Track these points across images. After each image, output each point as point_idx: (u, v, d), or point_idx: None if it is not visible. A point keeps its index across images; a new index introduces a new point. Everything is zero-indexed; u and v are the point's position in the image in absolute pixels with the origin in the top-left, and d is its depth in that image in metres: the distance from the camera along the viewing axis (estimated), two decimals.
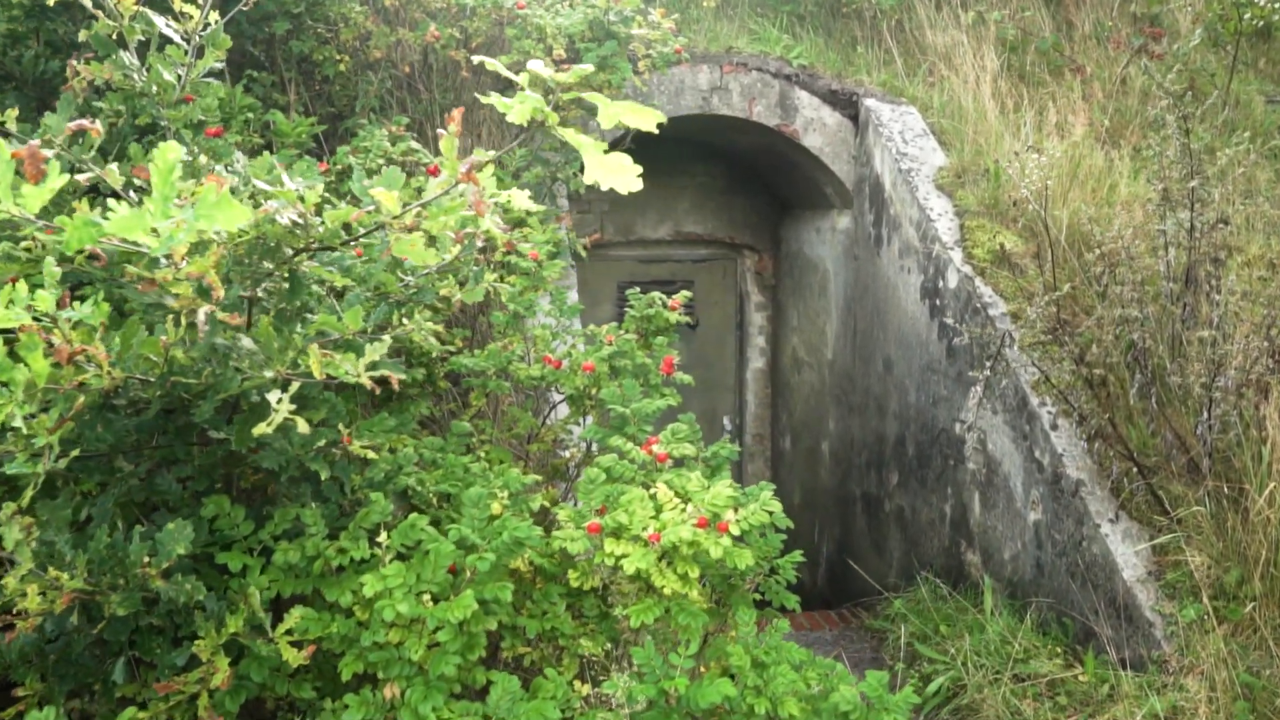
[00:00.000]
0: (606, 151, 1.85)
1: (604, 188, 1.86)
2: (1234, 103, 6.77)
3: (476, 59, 1.98)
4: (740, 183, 8.76)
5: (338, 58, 4.90)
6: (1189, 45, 6.47)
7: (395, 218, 1.90)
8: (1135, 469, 4.38)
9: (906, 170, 6.33)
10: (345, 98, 5.00)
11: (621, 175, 1.85)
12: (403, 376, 2.30)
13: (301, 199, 1.92)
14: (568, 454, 3.65)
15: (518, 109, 1.84)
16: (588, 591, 2.60)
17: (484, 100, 1.92)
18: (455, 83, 5.08)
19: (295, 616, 2.20)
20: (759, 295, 9.01)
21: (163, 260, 1.83)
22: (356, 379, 1.98)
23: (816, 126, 7.11)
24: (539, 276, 3.70)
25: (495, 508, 2.49)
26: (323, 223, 1.91)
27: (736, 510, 2.53)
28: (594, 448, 3.31)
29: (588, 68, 1.95)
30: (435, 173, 3.83)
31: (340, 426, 2.58)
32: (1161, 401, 4.47)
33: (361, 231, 2.01)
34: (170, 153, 1.39)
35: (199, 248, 1.76)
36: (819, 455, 7.95)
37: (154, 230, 1.44)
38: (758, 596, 3.29)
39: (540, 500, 2.72)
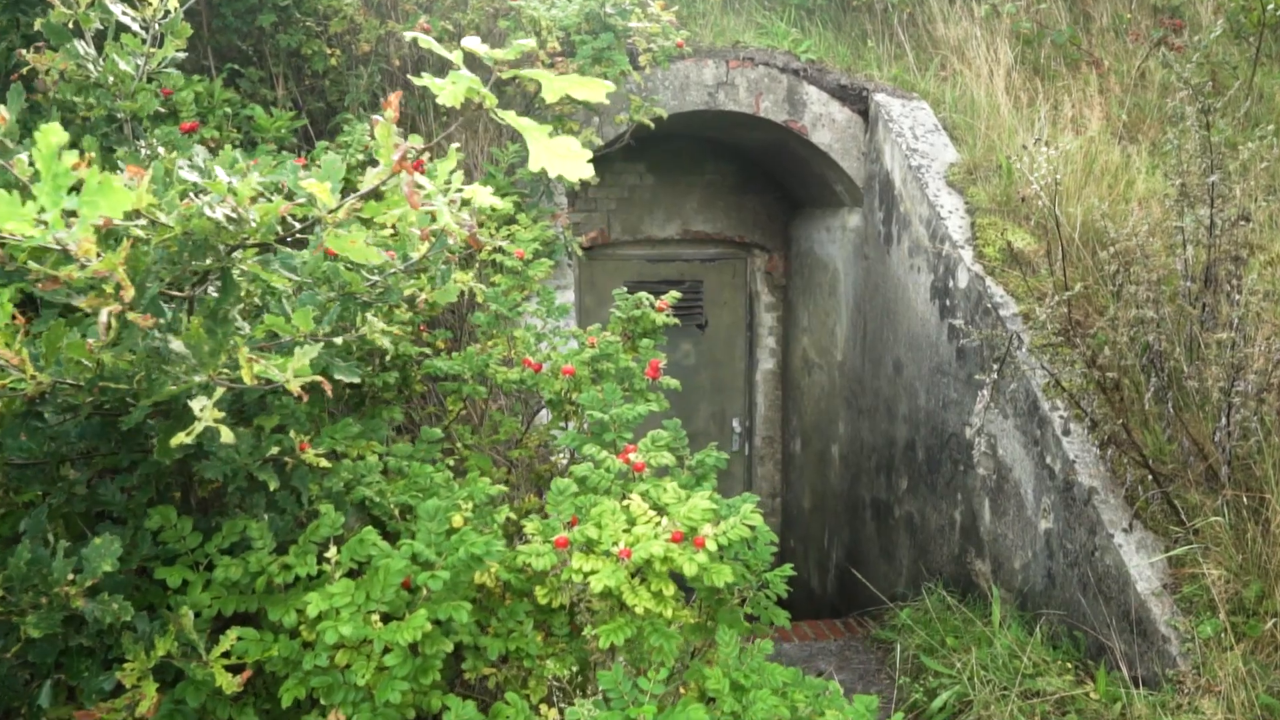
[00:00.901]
0: (552, 134, 1.71)
1: (552, 175, 1.71)
2: (1257, 96, 6.54)
3: (410, 35, 1.84)
4: (750, 181, 8.59)
5: (328, 51, 4.78)
6: (1210, 37, 6.24)
7: (330, 212, 1.77)
8: (1150, 477, 4.20)
9: (917, 167, 6.15)
10: (336, 92, 4.88)
11: (569, 161, 1.70)
12: (355, 380, 2.16)
13: (233, 192, 1.78)
14: (555, 460, 3.51)
15: (449, 90, 1.70)
16: (558, 609, 2.45)
17: (417, 82, 1.78)
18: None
19: (231, 638, 2.06)
20: (769, 295, 8.84)
21: (84, 259, 1.70)
22: (286, 384, 1.84)
23: (825, 122, 6.93)
24: (525, 276, 3.56)
25: (456, 521, 2.35)
26: (255, 218, 1.78)
27: (715, 524, 2.38)
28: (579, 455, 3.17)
29: (528, 43, 1.81)
30: (419, 166, 3.70)
31: (299, 433, 2.45)
32: (1178, 406, 4.28)
33: (298, 227, 1.87)
34: (53, 135, 1.26)
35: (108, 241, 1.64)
36: (829, 459, 7.77)
37: (42, 221, 1.31)
38: (749, 610, 3.13)
39: (506, 512, 2.58)
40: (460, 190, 2.40)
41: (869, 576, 6.91)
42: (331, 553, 2.17)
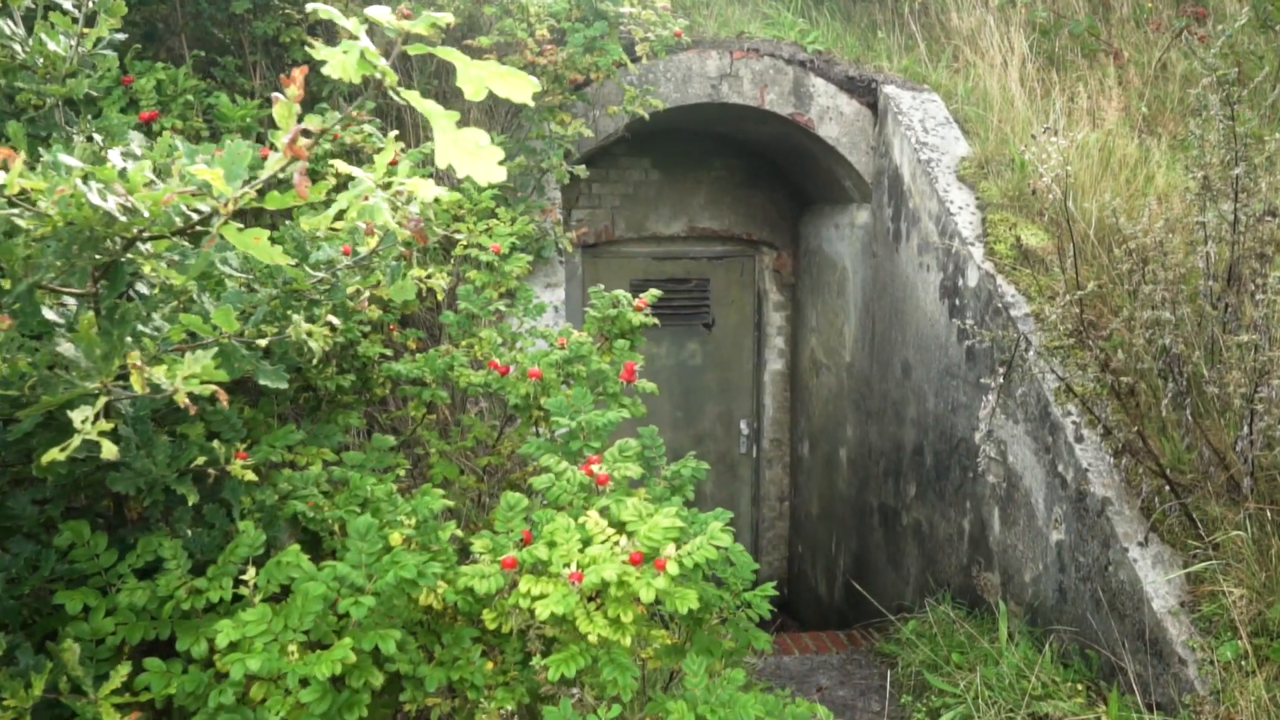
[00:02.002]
0: (460, 125, 1.51)
1: (459, 173, 1.51)
2: None
3: (311, 5, 1.65)
4: (758, 177, 8.37)
5: (309, 40, 4.59)
6: (1235, 26, 5.96)
7: (227, 202, 1.58)
8: (1167, 487, 3.95)
9: (926, 161, 5.91)
10: (319, 82, 4.70)
11: (478, 159, 1.50)
12: (281, 386, 1.97)
13: (124, 177, 1.60)
14: (530, 469, 3.31)
15: (339, 61, 1.50)
16: (510, 634, 2.26)
17: (314, 54, 1.58)
18: (433, 67, 4.76)
19: (122, 673, 1.88)
20: (777, 294, 8.62)
21: None
22: (174, 392, 1.65)
23: (833, 115, 6.70)
24: (501, 272, 3.36)
25: (395, 539, 2.16)
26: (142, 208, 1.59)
27: (679, 544, 2.17)
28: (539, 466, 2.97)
29: (445, 17, 1.61)
30: (394, 162, 3.51)
31: (235, 441, 2.26)
32: (1198, 413, 4.03)
33: (196, 218, 1.68)
34: None
35: None
36: (836, 462, 7.54)
37: None
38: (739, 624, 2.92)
39: (452, 529, 2.38)
40: (404, 183, 2.21)
41: (877, 585, 6.68)
42: (250, 574, 1.98)
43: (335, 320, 2.66)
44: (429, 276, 2.79)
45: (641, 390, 3.00)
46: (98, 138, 2.58)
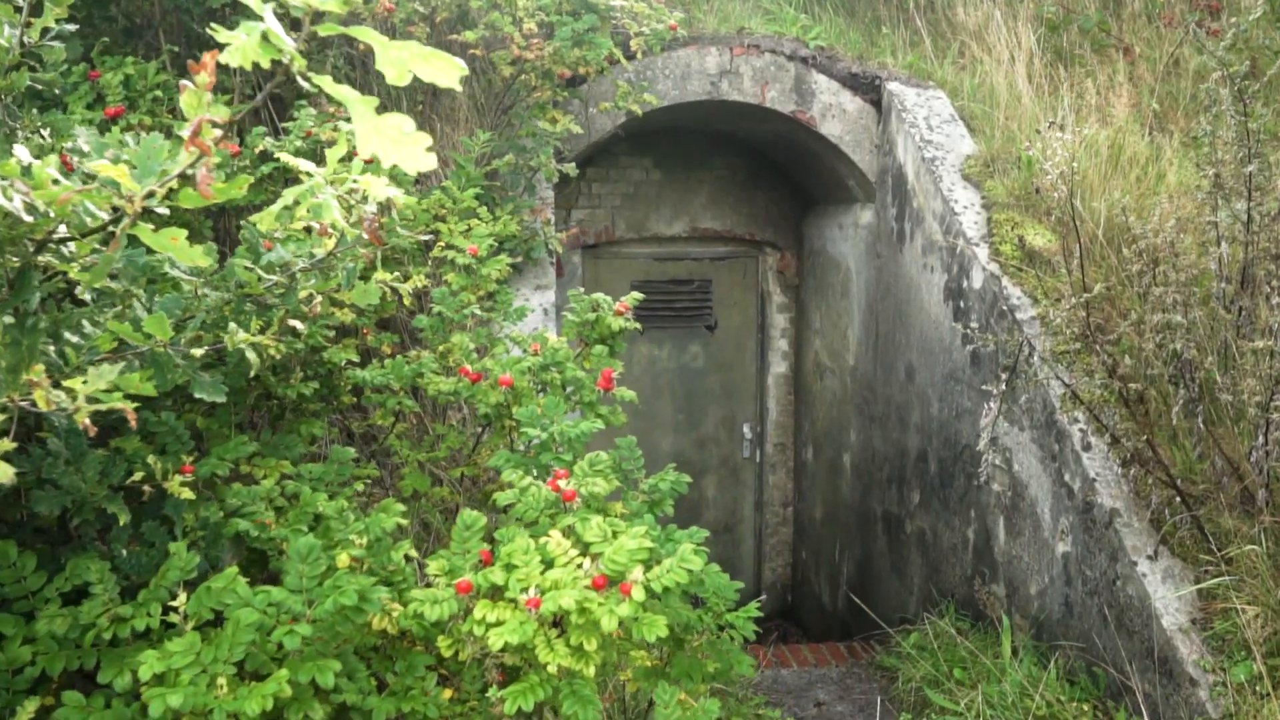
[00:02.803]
0: (382, 110, 1.37)
1: (385, 162, 1.37)
2: None
3: None
4: (761, 176, 8.22)
5: (295, 35, 4.47)
6: (1250, 19, 5.78)
7: (134, 199, 1.44)
8: (1178, 499, 3.78)
9: (930, 159, 5.75)
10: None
11: (404, 147, 1.36)
12: (219, 399, 1.83)
13: (29, 173, 1.46)
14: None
15: (238, 46, 1.36)
16: (468, 662, 2.12)
17: (216, 36, 1.44)
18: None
19: (29, 709, 1.74)
20: (781, 296, 8.46)
21: None
22: (75, 411, 1.52)
23: (835, 113, 6.54)
24: (479, 274, 3.22)
25: (342, 560, 2.02)
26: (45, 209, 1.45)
27: (650, 566, 2.03)
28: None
29: None
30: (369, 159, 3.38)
31: (182, 454, 2.13)
32: (1210, 421, 3.86)
33: (105, 218, 1.54)
34: None
35: None
36: (840, 468, 7.38)
37: None
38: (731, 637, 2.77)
39: (406, 548, 2.25)
40: (355, 180, 2.07)
41: (880, 594, 6.52)
42: (180, 600, 1.85)
43: (299, 325, 2.53)
44: (396, 278, 2.66)
45: (621, 399, 2.86)
46: (45, 133, 2.46)
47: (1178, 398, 3.88)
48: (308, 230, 2.46)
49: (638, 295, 3.09)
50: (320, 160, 3.24)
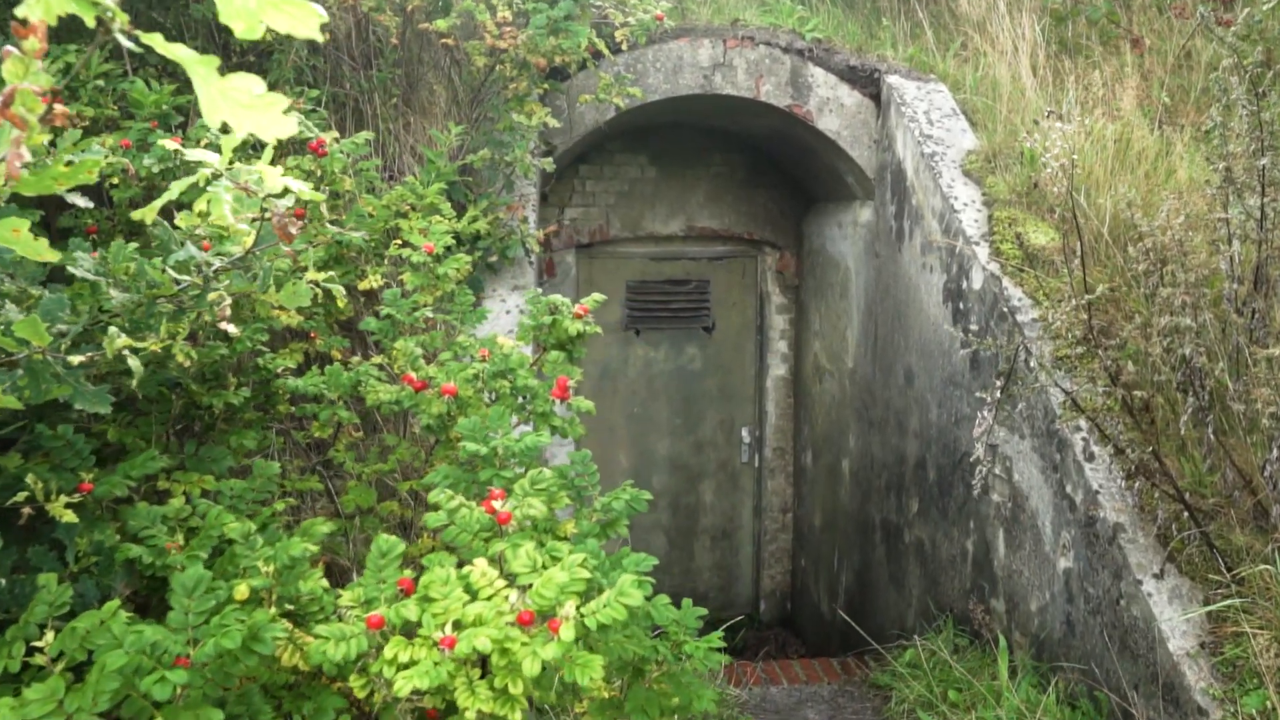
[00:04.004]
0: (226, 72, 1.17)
1: (238, 131, 1.17)
2: None
3: None
4: (760, 173, 7.99)
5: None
6: (1265, 9, 5.53)
7: None
8: (1186, 513, 3.55)
9: (930, 154, 5.52)
10: (270, 69, 4.38)
11: (257, 112, 1.16)
12: (103, 410, 1.63)
13: None
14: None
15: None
16: (384, 703, 1.91)
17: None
18: (390, 55, 4.43)
19: None
20: (781, 296, 8.23)
21: None
22: None
23: (833, 107, 6.32)
24: (436, 274, 3.02)
25: (240, 591, 1.82)
26: None
27: (588, 598, 1.82)
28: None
29: None
30: (316, 148, 3.17)
31: (82, 470, 1.93)
32: (1221, 431, 3.63)
33: None
34: None
35: None
36: (839, 474, 7.15)
37: None
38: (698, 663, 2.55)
39: (317, 578, 2.04)
40: (250, 171, 1.87)
41: (878, 605, 6.29)
42: (46, 639, 1.65)
43: (232, 328, 2.33)
44: (329, 278, 2.46)
45: (578, 409, 2.65)
46: None
47: (1186, 406, 3.64)
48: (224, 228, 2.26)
49: (599, 296, 2.88)
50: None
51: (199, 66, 1.15)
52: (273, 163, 3.06)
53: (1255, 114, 3.60)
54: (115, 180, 3.08)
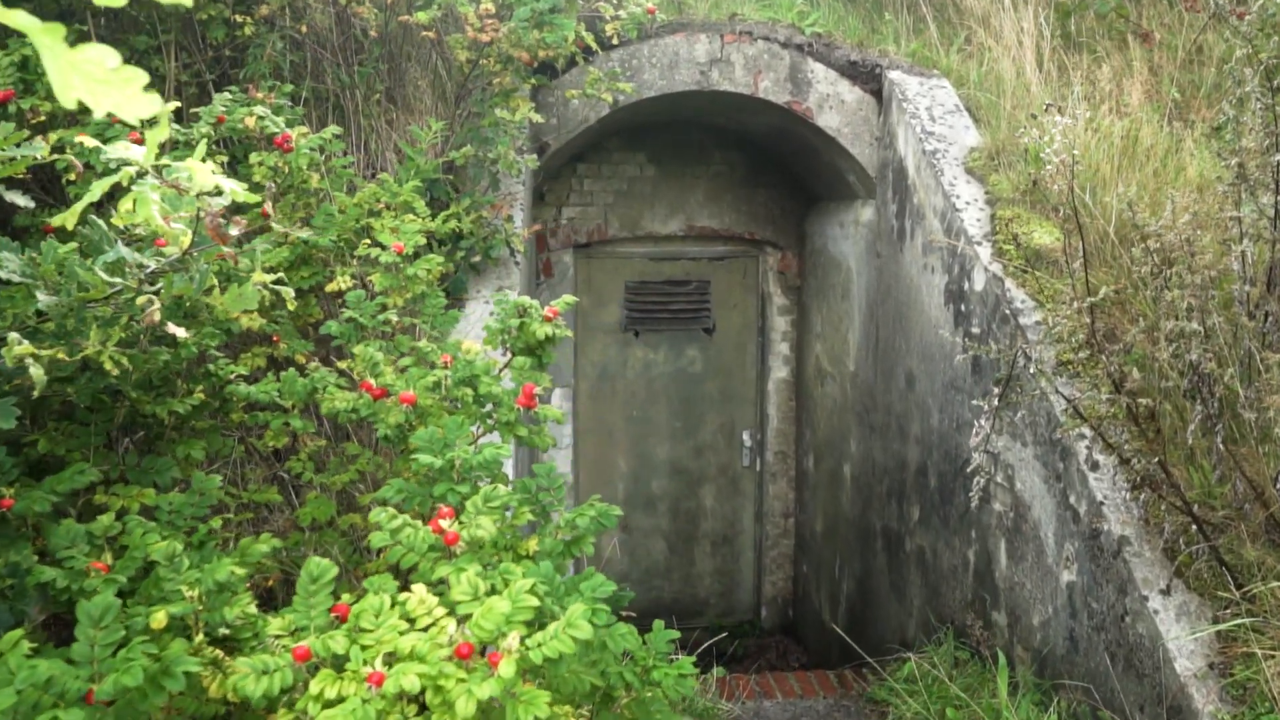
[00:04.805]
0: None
1: (96, 110, 1.03)
2: None
3: None
4: (761, 172, 7.84)
5: (239, 19, 4.15)
6: None
7: None
8: (1194, 526, 3.39)
9: (932, 152, 5.36)
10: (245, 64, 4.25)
11: (113, 88, 1.02)
12: (7, 425, 1.50)
13: None
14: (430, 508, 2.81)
15: None
16: None
17: None
18: (375, 49, 4.29)
19: None
20: (782, 297, 8.07)
21: None
22: None
23: (833, 103, 6.16)
24: (405, 275, 2.88)
25: (157, 619, 1.68)
26: None
27: (541, 625, 1.67)
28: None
29: None
30: (281, 143, 3.04)
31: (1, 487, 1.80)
32: (1231, 440, 3.46)
33: None
34: None
35: None
36: (841, 479, 6.99)
37: None
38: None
39: (244, 604, 1.90)
40: (180, 168, 1.74)
41: (879, 615, 6.13)
42: None
43: (179, 331, 2.19)
44: (279, 279, 2.32)
45: (545, 418, 2.50)
46: None
47: (1194, 413, 3.48)
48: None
49: (570, 299, 2.74)
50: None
51: (43, 36, 1.01)
52: (232, 160, 2.92)
53: (1270, 108, 3.43)
54: (73, 176, 2.95)
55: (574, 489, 7.91)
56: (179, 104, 2.74)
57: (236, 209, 2.68)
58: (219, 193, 1.82)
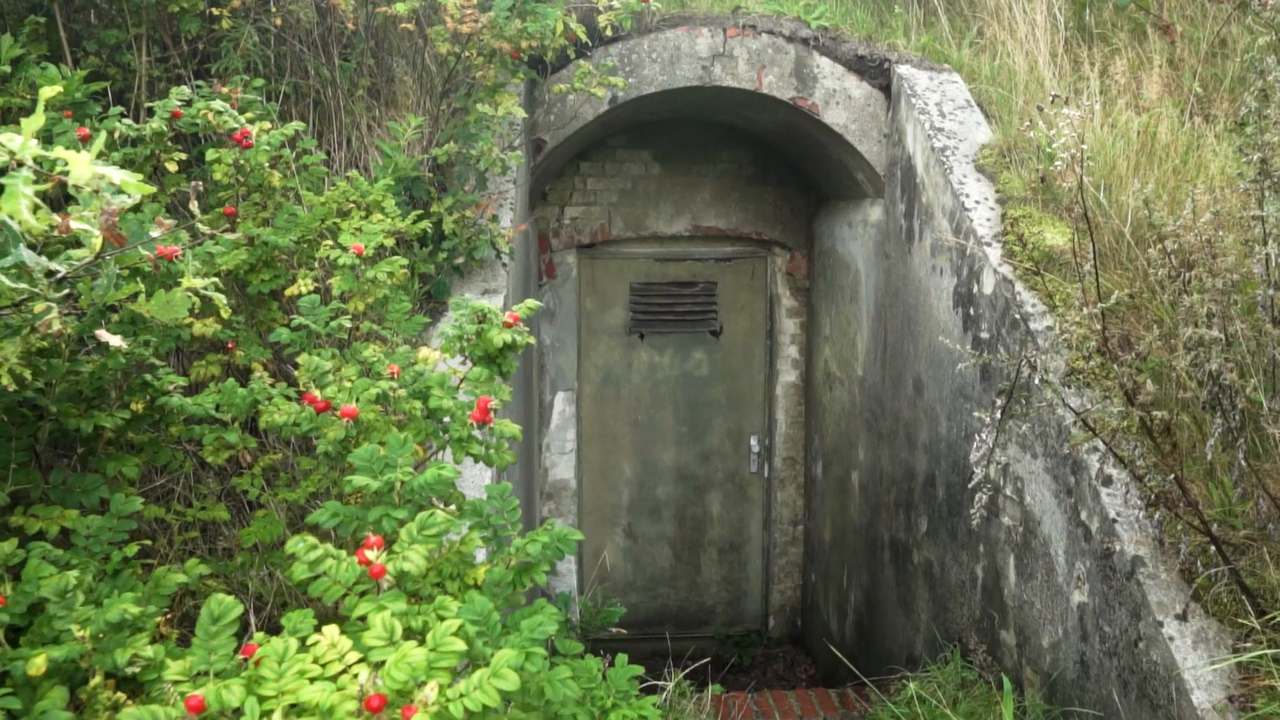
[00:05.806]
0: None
1: None
2: None
3: None
4: (768, 170, 7.64)
5: (214, 12, 4.00)
6: None
7: None
8: (1213, 547, 3.16)
9: (941, 149, 5.15)
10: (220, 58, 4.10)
11: None
12: None
13: None
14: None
15: None
16: None
17: None
18: (350, 45, 4.13)
19: None
20: (791, 299, 7.87)
21: None
22: None
23: (840, 99, 5.96)
24: (366, 279, 2.71)
25: (36, 666, 1.52)
26: None
27: (474, 666, 1.49)
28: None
29: None
30: (240, 139, 2.88)
31: None
32: (1253, 455, 3.24)
33: None
34: None
35: None
36: (849, 487, 6.78)
37: None
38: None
39: (142, 643, 1.73)
40: (54, 157, 1.57)
41: (886, 628, 5.92)
42: None
43: (115, 339, 2.03)
44: (211, 285, 2.16)
45: (501, 434, 2.32)
46: None
47: (1214, 427, 3.25)
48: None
49: (534, 303, 2.55)
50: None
51: None
52: (150, 155, 2.74)
53: None
54: None
55: (578, 495, 7.74)
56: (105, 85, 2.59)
57: (210, 209, 2.52)
58: (120, 191, 1.65)
